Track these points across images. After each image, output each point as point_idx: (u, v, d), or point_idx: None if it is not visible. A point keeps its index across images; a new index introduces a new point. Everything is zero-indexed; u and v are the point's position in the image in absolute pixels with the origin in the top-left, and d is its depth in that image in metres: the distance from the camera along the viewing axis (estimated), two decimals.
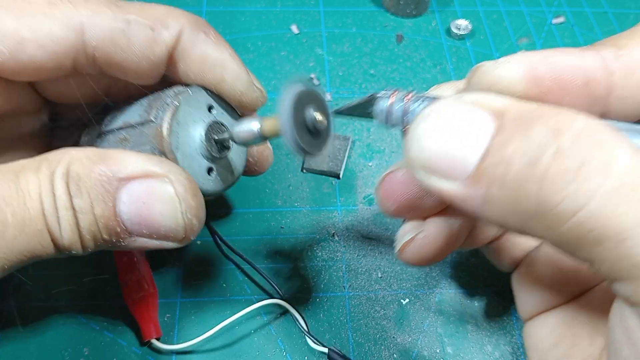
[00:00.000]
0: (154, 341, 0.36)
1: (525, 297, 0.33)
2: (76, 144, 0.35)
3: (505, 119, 0.20)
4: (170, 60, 0.30)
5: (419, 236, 0.29)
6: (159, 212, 0.26)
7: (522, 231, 0.21)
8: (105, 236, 0.26)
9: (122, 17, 0.28)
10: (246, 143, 0.29)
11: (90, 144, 0.33)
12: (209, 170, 0.31)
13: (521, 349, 0.38)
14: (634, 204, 0.18)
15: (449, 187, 0.21)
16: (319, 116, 0.25)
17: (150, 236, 0.27)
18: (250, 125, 0.28)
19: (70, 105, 0.34)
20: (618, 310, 0.21)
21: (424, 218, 0.30)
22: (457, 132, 0.21)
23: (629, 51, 0.25)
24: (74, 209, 0.25)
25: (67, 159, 0.26)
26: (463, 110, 0.21)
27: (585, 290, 0.31)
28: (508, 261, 0.34)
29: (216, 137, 0.30)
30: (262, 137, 0.28)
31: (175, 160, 0.28)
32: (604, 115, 0.25)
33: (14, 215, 0.24)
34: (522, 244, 0.33)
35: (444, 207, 0.29)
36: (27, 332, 0.37)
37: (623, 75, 0.24)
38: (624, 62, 0.24)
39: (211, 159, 0.30)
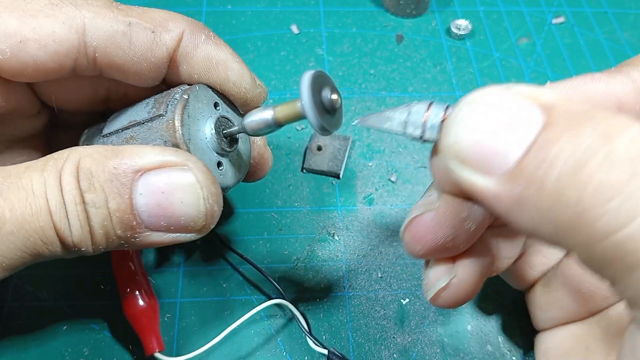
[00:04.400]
0: (157, 354, 0.35)
1: (540, 314, 0.33)
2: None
3: (555, 114, 0.19)
4: (172, 62, 0.30)
5: (453, 281, 0.28)
6: (180, 200, 0.26)
7: (552, 241, 0.19)
8: (118, 231, 0.26)
9: (124, 20, 0.28)
10: (258, 132, 0.29)
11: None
12: (219, 165, 0.31)
13: (521, 350, 0.38)
14: None
15: (482, 183, 0.20)
16: (334, 96, 0.27)
17: (167, 228, 0.27)
18: (264, 114, 0.29)
19: (68, 110, 0.34)
20: (631, 338, 0.20)
21: (453, 259, 0.29)
22: (501, 123, 0.19)
23: None
24: (84, 203, 0.25)
25: (75, 156, 0.25)
26: (511, 100, 0.19)
27: (601, 309, 0.30)
28: (523, 282, 0.34)
29: (225, 131, 0.31)
30: (276, 124, 0.29)
31: (188, 151, 0.28)
32: None
33: (13, 210, 0.24)
34: (538, 266, 0.33)
35: (473, 244, 0.28)
36: (27, 332, 0.37)
37: None
38: None
39: (220, 153, 0.31)
